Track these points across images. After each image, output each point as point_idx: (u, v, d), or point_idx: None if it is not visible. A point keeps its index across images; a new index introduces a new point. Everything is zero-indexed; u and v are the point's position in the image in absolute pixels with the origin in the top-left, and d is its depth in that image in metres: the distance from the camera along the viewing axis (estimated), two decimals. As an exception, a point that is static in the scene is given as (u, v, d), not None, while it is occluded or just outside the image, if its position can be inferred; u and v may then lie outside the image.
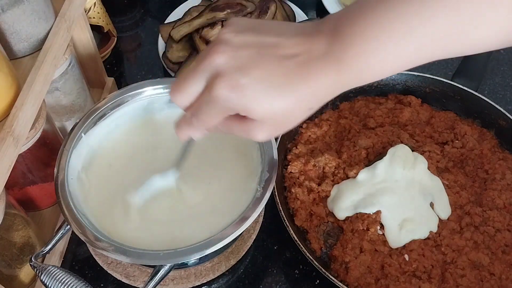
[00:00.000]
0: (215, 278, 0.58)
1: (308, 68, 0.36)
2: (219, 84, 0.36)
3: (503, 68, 0.86)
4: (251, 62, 0.36)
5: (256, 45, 0.37)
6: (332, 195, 0.64)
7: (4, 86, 0.45)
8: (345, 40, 0.35)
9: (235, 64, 0.36)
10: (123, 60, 0.89)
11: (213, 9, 0.82)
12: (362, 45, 0.35)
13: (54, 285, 0.43)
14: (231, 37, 0.37)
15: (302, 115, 0.39)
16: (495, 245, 0.59)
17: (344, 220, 0.62)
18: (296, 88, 0.36)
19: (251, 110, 0.37)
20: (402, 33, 0.34)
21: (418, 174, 0.63)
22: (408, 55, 0.35)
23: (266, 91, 0.36)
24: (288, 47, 0.37)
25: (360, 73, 0.36)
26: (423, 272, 0.57)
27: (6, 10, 0.48)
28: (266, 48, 0.37)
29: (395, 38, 0.34)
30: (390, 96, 0.76)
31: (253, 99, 0.36)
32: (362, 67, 0.36)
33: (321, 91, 0.37)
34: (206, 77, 0.38)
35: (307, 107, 0.38)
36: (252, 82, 0.36)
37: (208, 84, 0.37)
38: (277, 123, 0.38)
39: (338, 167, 0.66)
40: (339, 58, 0.35)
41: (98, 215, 0.52)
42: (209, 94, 0.37)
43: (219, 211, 0.53)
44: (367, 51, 0.35)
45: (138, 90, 0.59)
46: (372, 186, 0.63)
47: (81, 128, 0.55)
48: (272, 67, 0.36)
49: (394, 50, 0.35)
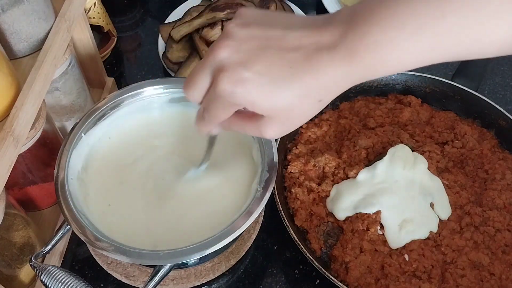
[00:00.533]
0: (215, 278, 0.58)
1: (315, 59, 0.35)
2: (223, 80, 0.36)
3: (503, 68, 0.86)
4: (255, 55, 0.36)
5: (261, 38, 0.36)
6: (332, 196, 0.64)
7: (4, 86, 0.45)
8: (361, 28, 0.34)
9: (238, 58, 0.36)
10: (123, 60, 0.89)
11: (213, 9, 0.82)
12: (379, 34, 0.33)
13: (54, 285, 0.43)
14: (236, 30, 0.37)
15: (311, 108, 0.37)
16: (495, 245, 0.59)
17: (344, 220, 0.62)
18: (300, 81, 0.35)
19: (256, 105, 0.36)
20: (421, 26, 0.33)
21: (418, 174, 0.63)
22: (424, 50, 0.34)
23: (269, 84, 0.35)
24: (294, 39, 0.36)
25: (373, 65, 0.35)
26: (423, 272, 0.57)
27: (6, 10, 0.48)
28: (271, 41, 0.36)
29: (413, 30, 0.33)
30: (390, 96, 0.76)
31: (257, 93, 0.36)
32: (376, 58, 0.34)
33: (331, 84, 0.36)
34: (212, 71, 0.37)
35: (315, 100, 0.37)
36: (255, 76, 0.35)
37: (213, 79, 0.37)
38: (286, 118, 0.38)
39: (338, 167, 0.66)
40: (352, 48, 0.34)
41: (98, 215, 0.52)
42: (213, 90, 0.37)
43: (219, 211, 0.53)
44: (384, 41, 0.33)
45: (138, 90, 0.59)
46: (372, 186, 0.63)
47: (81, 128, 0.55)
48: (276, 60, 0.35)
49: (412, 43, 0.33)
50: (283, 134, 0.39)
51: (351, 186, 0.64)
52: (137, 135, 0.60)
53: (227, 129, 0.42)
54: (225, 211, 0.52)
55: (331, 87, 0.36)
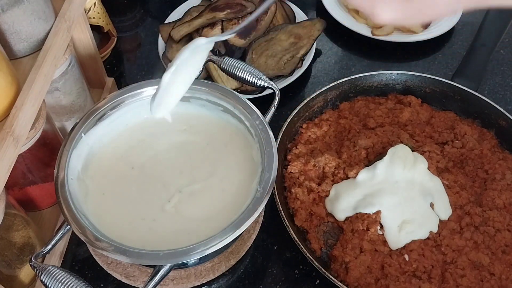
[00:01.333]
0: (215, 278, 0.58)
1: None
2: None
3: (503, 68, 0.86)
4: None
5: None
6: (331, 196, 0.64)
7: (4, 86, 0.45)
8: None
9: None
10: (123, 60, 0.89)
11: (213, 9, 0.82)
12: None
13: (54, 285, 0.43)
14: None
15: (445, 3, 0.33)
16: (495, 245, 0.59)
17: (344, 220, 0.62)
18: None
19: None
20: None
21: (418, 174, 0.63)
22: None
23: None
24: None
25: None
26: (423, 272, 0.57)
27: (6, 10, 0.48)
28: None
29: None
30: (390, 96, 0.76)
31: None
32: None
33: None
34: None
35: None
36: None
37: None
38: (409, 1, 0.32)
39: (338, 167, 0.66)
40: None
41: (98, 215, 0.52)
42: None
43: (219, 211, 0.53)
44: None
45: (138, 90, 0.59)
46: (372, 186, 0.63)
47: (81, 128, 0.55)
48: None
49: None
50: (397, 21, 0.34)
51: (350, 186, 0.64)
52: (137, 135, 0.60)
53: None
54: (225, 211, 0.52)
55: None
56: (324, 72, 0.86)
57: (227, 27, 0.80)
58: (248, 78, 0.59)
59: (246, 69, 0.59)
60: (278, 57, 0.80)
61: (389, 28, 0.88)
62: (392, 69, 0.76)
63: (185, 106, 0.60)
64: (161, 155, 0.58)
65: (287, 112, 0.71)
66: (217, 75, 0.77)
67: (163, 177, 0.56)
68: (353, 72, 0.86)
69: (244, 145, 0.58)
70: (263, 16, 0.83)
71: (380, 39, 0.87)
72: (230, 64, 0.59)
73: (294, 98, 0.82)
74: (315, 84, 0.84)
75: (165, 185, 0.55)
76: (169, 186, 0.55)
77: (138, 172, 0.57)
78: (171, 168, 0.57)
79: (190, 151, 0.58)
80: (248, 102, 0.58)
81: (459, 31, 0.93)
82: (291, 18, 0.88)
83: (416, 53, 0.89)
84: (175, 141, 0.60)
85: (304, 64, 0.81)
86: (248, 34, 0.81)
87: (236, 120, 0.59)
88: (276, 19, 0.85)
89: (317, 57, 0.88)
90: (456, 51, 0.90)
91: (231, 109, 0.59)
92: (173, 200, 0.54)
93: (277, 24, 0.85)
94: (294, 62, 0.80)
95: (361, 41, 0.90)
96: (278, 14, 0.86)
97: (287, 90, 0.80)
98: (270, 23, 0.84)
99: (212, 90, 0.59)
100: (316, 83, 0.84)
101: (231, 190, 0.55)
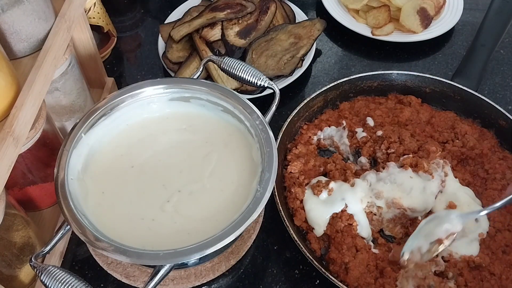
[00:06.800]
0: (215, 278, 0.58)
1: None
2: None
3: (503, 68, 0.86)
4: None
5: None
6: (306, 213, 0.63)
7: (4, 86, 0.45)
8: None
9: None
10: (123, 60, 0.89)
11: (213, 9, 0.82)
12: None
13: (54, 285, 0.43)
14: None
15: None
16: (495, 245, 0.59)
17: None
18: None
19: None
20: None
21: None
22: None
23: None
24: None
25: None
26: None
27: (6, 10, 0.48)
28: None
29: None
30: (390, 96, 0.76)
31: None
32: None
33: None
34: None
35: None
36: None
37: None
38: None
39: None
40: None
41: (98, 215, 0.52)
42: None
43: (219, 211, 0.53)
44: None
45: (138, 90, 0.59)
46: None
47: (81, 128, 0.55)
48: None
49: None
50: None
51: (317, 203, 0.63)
52: (137, 135, 0.60)
53: None
54: (225, 211, 0.52)
55: None
56: (324, 72, 0.86)
57: (227, 27, 0.80)
58: (248, 78, 0.59)
59: (246, 69, 0.59)
60: (278, 57, 0.80)
61: (389, 28, 0.88)
62: (392, 69, 0.76)
63: (185, 106, 0.60)
64: (161, 155, 0.58)
65: (287, 112, 0.71)
66: (217, 75, 0.77)
67: (163, 176, 0.56)
68: (353, 72, 0.86)
69: (244, 145, 0.58)
70: (263, 16, 0.83)
71: (380, 39, 0.87)
72: (230, 64, 0.59)
73: (294, 98, 0.82)
74: (315, 84, 0.84)
75: (165, 184, 0.55)
76: (168, 185, 0.55)
77: (138, 171, 0.57)
78: (170, 168, 0.57)
79: (190, 150, 0.58)
80: (248, 102, 0.58)
81: (459, 31, 0.93)
82: (291, 18, 0.88)
83: (416, 53, 0.89)
84: (175, 141, 0.60)
85: (304, 64, 0.81)
86: (248, 34, 0.81)
87: (236, 120, 0.59)
88: (276, 19, 0.85)
89: (317, 57, 0.88)
90: (456, 51, 0.90)
91: (231, 109, 0.59)
92: (172, 200, 0.54)
93: (277, 24, 0.85)
94: (294, 62, 0.80)
95: (361, 41, 0.90)
96: (278, 14, 0.86)
97: (287, 90, 0.80)
98: (270, 23, 0.84)
99: (212, 90, 0.59)
100: (316, 83, 0.84)
101: (230, 190, 0.55)
